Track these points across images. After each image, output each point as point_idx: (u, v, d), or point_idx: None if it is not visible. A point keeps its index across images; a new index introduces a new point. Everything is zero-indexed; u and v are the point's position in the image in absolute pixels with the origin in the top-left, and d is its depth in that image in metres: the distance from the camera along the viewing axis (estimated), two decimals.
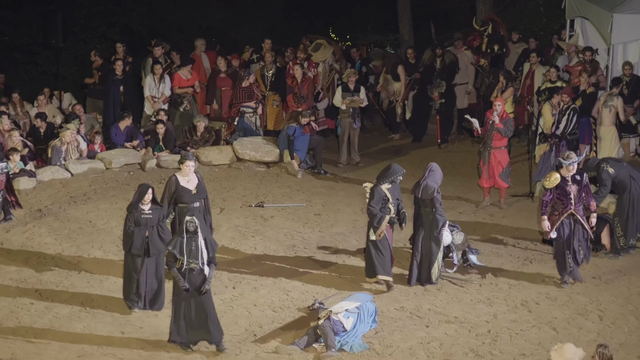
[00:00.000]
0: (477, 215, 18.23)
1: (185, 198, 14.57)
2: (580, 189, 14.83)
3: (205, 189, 14.94)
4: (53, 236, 16.53)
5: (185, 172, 14.67)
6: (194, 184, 14.66)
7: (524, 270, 15.73)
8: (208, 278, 12.71)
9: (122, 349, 12.74)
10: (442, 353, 12.83)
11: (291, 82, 22.02)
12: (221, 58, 22.72)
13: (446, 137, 23.63)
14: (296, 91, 21.88)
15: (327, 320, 13.04)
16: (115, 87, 22.02)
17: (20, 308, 13.81)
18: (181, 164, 14.84)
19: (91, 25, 28.62)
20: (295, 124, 20.70)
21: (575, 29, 23.09)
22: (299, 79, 21.97)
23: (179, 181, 14.60)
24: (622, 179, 16.29)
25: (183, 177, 14.66)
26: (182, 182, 14.59)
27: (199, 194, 14.69)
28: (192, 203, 14.59)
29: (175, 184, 14.58)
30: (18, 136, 19.43)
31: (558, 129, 19.29)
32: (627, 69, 20.66)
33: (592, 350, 11.00)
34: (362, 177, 20.62)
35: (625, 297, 14.66)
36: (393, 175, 15.05)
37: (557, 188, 14.81)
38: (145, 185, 13.95)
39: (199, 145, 20.84)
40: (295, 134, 20.57)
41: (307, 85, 22.06)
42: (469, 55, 24.05)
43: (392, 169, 15.13)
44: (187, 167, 14.64)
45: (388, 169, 15.17)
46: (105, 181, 19.35)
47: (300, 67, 22.12)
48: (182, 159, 14.86)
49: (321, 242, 16.82)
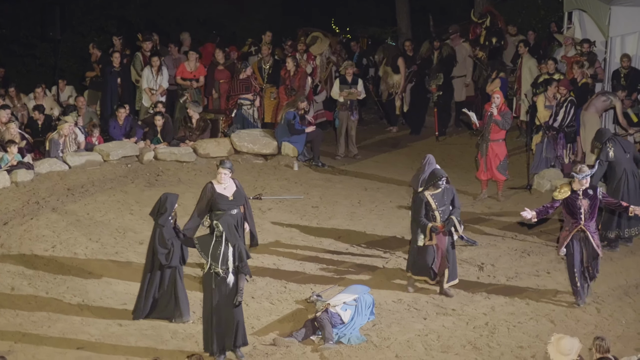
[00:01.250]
0: (474, 207, 18.23)
1: (221, 205, 14.04)
2: (592, 204, 13.86)
3: (243, 195, 14.41)
4: (51, 228, 16.52)
5: (219, 179, 14.17)
6: (232, 190, 14.18)
7: (521, 262, 15.74)
8: (239, 290, 12.40)
9: (119, 341, 12.75)
10: (440, 345, 12.85)
11: (284, 73, 22.01)
12: (219, 50, 22.70)
13: (444, 130, 23.62)
14: (287, 83, 21.87)
15: (325, 312, 13.06)
16: (112, 79, 22.01)
17: (17, 301, 13.81)
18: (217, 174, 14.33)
19: (89, 18, 28.60)
20: (293, 109, 20.72)
21: (573, 21, 23.08)
22: (291, 71, 21.96)
23: (215, 188, 14.15)
24: (616, 169, 16.25)
25: (219, 184, 14.18)
26: (219, 189, 14.10)
27: (236, 201, 14.19)
28: (229, 210, 14.07)
29: (212, 191, 14.11)
30: (16, 128, 19.42)
31: (556, 121, 19.29)
32: (625, 62, 20.64)
33: (589, 342, 11.02)
34: (360, 170, 20.73)
35: (623, 289, 14.67)
36: (433, 180, 14.45)
37: (567, 202, 13.93)
38: (174, 196, 13.63)
39: (197, 137, 20.82)
40: (295, 120, 20.59)
41: (299, 78, 22.04)
42: (466, 48, 24.02)
43: (433, 174, 14.58)
44: (220, 175, 14.14)
45: (430, 175, 14.61)
46: (103, 173, 19.33)
47: (292, 60, 22.11)
48: (218, 167, 14.40)
49: (319, 235, 16.82)
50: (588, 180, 13.91)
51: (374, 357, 12.58)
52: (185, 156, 20.31)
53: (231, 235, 12.47)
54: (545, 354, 10.45)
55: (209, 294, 12.43)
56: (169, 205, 13.33)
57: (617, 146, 16.30)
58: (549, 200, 14.62)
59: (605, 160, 16.25)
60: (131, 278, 14.70)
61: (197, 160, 20.38)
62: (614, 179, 16.31)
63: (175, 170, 19.74)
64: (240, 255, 12.43)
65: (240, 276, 12.44)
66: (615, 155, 16.24)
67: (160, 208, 13.35)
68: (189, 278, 14.30)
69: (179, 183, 19.05)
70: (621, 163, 16.32)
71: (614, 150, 16.24)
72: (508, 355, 12.59)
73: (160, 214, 13.34)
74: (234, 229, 12.86)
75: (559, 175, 19.21)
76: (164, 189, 18.56)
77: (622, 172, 16.32)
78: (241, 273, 12.45)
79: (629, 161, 16.44)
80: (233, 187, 14.21)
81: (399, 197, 18.61)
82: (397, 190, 18.99)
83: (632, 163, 16.50)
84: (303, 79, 22.15)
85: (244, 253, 12.52)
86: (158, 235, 13.30)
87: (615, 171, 16.32)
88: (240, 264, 12.41)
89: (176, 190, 18.33)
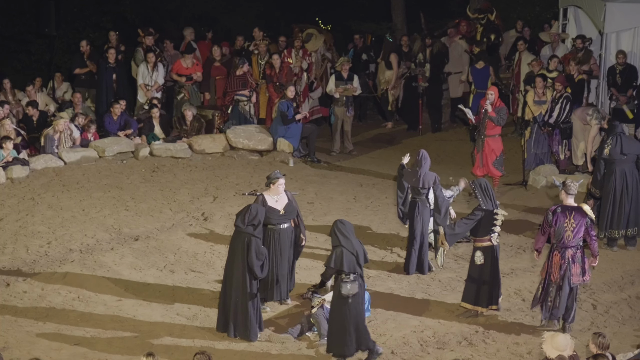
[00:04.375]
0: (470, 203, 18.17)
1: (272, 220, 13.47)
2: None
3: (295, 209, 13.77)
4: (46, 224, 16.51)
5: (275, 190, 13.57)
6: (283, 203, 13.57)
7: (517, 258, 15.74)
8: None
9: (115, 337, 12.74)
10: (436, 342, 12.84)
11: (270, 71, 21.98)
12: (216, 47, 22.70)
13: (438, 126, 23.64)
14: (275, 80, 21.86)
15: (321, 308, 13.04)
16: (108, 75, 21.98)
17: (13, 297, 13.79)
18: (272, 184, 13.58)
19: (84, 14, 28.53)
20: (284, 99, 20.73)
21: (568, 17, 23.10)
22: (277, 68, 21.94)
23: (267, 201, 13.48)
24: (609, 167, 16.18)
25: (272, 196, 13.58)
26: (270, 202, 13.47)
27: (287, 215, 13.57)
28: (280, 224, 13.57)
29: (262, 203, 13.40)
30: (11, 124, 19.39)
31: (551, 117, 19.31)
32: (620, 58, 20.67)
33: (585, 339, 11.02)
34: (355, 166, 20.74)
35: (619, 286, 14.67)
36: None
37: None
38: (263, 209, 13.04)
39: (191, 135, 20.81)
40: (289, 110, 20.59)
41: (285, 73, 22.03)
42: (462, 44, 24.03)
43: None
44: (279, 186, 13.52)
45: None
46: (99, 170, 19.32)
47: (278, 56, 22.10)
48: (271, 178, 13.63)
49: (314, 231, 16.80)
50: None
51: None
52: (181, 152, 20.30)
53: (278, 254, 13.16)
54: (541, 350, 10.44)
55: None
56: (260, 217, 12.77)
57: (617, 145, 16.10)
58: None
59: (600, 157, 16.23)
60: (126, 274, 14.70)
61: (192, 156, 20.37)
62: (606, 177, 16.20)
63: (170, 167, 19.73)
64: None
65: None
66: (610, 153, 16.11)
67: (253, 220, 12.68)
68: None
69: (175, 179, 19.04)
70: (614, 162, 16.13)
71: (611, 148, 16.14)
72: (504, 351, 12.59)
73: (253, 226, 12.71)
74: (287, 246, 13.56)
75: (555, 171, 19.22)
76: (160, 185, 18.61)
77: (612, 172, 16.15)
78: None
79: (625, 162, 16.15)
80: (285, 199, 13.63)
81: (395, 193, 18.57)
82: (392, 186, 18.94)
83: (630, 164, 16.23)
84: (290, 73, 22.15)
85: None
86: (254, 247, 12.63)
87: (609, 169, 16.22)
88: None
89: (171, 187, 18.42)
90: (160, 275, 14.77)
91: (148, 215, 17.22)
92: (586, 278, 13.03)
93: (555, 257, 12.95)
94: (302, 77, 22.42)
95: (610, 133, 16.35)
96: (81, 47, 22.76)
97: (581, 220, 12.84)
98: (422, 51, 23.51)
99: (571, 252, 12.87)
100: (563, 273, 12.88)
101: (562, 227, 12.85)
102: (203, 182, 19.04)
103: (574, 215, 12.84)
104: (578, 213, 12.88)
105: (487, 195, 13.51)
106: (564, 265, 12.87)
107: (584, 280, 13.02)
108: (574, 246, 12.88)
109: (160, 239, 16.16)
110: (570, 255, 12.87)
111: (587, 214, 12.92)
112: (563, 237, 12.84)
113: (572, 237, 12.83)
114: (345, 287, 12.03)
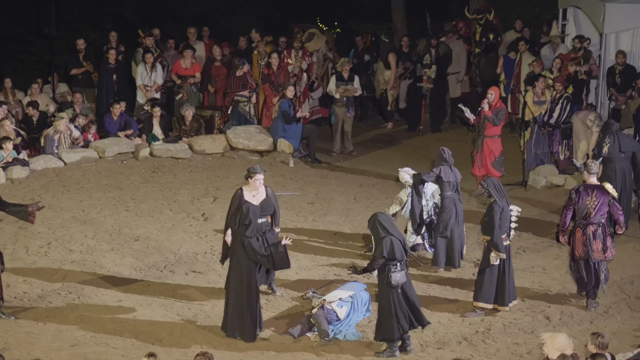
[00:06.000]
0: (469, 203, 18.22)
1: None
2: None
3: (273, 205, 13.47)
4: (46, 225, 16.50)
5: (253, 185, 13.26)
6: (260, 198, 13.25)
7: (517, 259, 15.71)
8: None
9: (115, 338, 12.75)
10: (436, 342, 12.85)
11: (267, 71, 21.99)
12: (217, 47, 22.70)
13: (438, 127, 23.65)
14: (273, 80, 21.86)
15: (321, 309, 13.05)
16: (108, 75, 21.99)
17: (13, 297, 13.79)
18: (249, 178, 13.32)
19: (84, 14, 28.53)
20: (284, 98, 20.74)
21: (568, 18, 23.11)
22: (274, 67, 21.95)
23: (244, 195, 13.23)
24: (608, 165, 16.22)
25: (250, 191, 13.28)
26: (247, 197, 13.19)
27: (263, 210, 13.23)
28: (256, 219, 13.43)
29: (239, 198, 13.27)
30: (11, 125, 19.39)
31: (552, 117, 19.31)
32: (620, 58, 20.68)
33: (584, 338, 11.02)
34: (356, 166, 20.74)
35: (619, 285, 14.67)
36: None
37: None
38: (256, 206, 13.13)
39: (190, 135, 20.81)
40: (290, 109, 20.60)
41: (282, 74, 22.03)
42: (460, 45, 24.05)
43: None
44: (256, 181, 13.33)
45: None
46: (99, 170, 19.32)
47: (277, 56, 22.12)
48: (249, 172, 13.34)
49: (314, 231, 16.82)
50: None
51: (370, 353, 12.58)
52: (181, 152, 20.30)
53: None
54: (541, 350, 10.44)
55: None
56: (252, 216, 12.98)
57: (615, 143, 16.24)
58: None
59: (599, 155, 16.25)
60: (126, 275, 14.71)
61: (192, 156, 20.37)
62: (604, 176, 16.23)
63: (170, 167, 19.73)
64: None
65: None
66: (609, 151, 16.23)
67: (245, 220, 12.93)
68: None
69: (175, 179, 19.04)
70: (613, 160, 16.25)
71: (609, 146, 16.23)
72: (504, 351, 12.60)
73: (245, 226, 12.93)
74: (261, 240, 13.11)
75: (554, 171, 19.23)
76: (160, 185, 18.61)
77: (612, 170, 16.24)
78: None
79: (623, 160, 16.34)
80: (263, 194, 13.40)
81: (395, 194, 18.56)
82: (393, 187, 18.96)
83: (627, 162, 16.39)
84: (286, 74, 22.15)
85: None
86: (254, 246, 12.89)
87: (607, 168, 16.27)
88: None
89: (171, 187, 18.41)
90: (161, 276, 14.78)
91: (148, 215, 17.22)
92: (608, 255, 13.75)
93: (577, 233, 13.76)
94: (302, 77, 22.44)
95: (606, 131, 16.50)
96: (77, 45, 22.73)
97: (603, 198, 13.59)
98: (427, 52, 23.53)
99: (592, 229, 13.65)
100: (587, 249, 13.62)
101: (585, 205, 13.63)
102: (203, 182, 19.05)
103: (596, 193, 13.66)
104: (600, 191, 13.68)
105: (500, 192, 13.70)
106: (586, 242, 13.61)
107: (605, 257, 13.75)
108: (596, 223, 13.63)
109: (160, 239, 16.16)
110: (591, 232, 13.64)
111: (609, 192, 13.67)
112: (585, 214, 13.57)
113: (594, 214, 13.61)
114: (395, 277, 12.33)
